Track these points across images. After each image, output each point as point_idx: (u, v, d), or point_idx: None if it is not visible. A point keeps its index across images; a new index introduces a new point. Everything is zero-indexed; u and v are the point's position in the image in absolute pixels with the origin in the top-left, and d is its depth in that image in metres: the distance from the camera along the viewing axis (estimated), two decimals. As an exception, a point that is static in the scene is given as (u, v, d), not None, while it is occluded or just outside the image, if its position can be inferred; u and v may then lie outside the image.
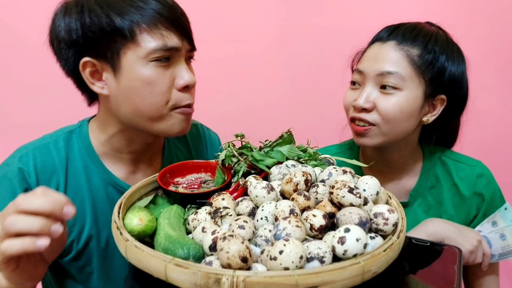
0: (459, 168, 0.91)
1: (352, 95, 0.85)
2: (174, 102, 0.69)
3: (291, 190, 0.52)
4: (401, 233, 0.47)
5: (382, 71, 0.80)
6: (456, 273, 0.56)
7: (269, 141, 0.67)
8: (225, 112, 1.43)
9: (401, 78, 0.79)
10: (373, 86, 0.81)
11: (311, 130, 0.83)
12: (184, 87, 0.70)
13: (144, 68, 0.66)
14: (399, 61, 0.80)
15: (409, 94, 0.80)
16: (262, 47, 1.40)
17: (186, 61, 0.73)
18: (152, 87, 0.67)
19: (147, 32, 0.65)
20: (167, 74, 0.68)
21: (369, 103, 0.81)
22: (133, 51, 0.66)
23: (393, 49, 0.81)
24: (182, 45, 0.69)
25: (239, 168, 0.62)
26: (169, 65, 0.69)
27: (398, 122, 0.81)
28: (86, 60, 0.67)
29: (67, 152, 0.75)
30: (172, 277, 0.39)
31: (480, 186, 0.89)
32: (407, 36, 0.82)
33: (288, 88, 1.45)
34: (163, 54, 0.67)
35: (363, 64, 0.85)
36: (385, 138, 0.83)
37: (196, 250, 0.45)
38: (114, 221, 0.49)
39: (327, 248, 0.42)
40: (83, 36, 0.66)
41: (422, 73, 0.80)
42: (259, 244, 0.46)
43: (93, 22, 0.65)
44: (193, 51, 0.74)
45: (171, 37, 0.67)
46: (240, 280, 0.36)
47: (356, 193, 0.48)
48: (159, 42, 0.66)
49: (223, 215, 0.50)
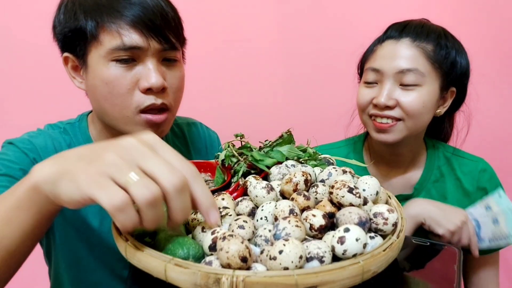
0: (462, 163, 0.93)
1: (368, 93, 0.87)
2: (136, 104, 0.67)
3: (290, 190, 0.52)
4: (401, 232, 0.47)
5: (402, 69, 0.81)
6: (456, 272, 0.56)
7: (269, 141, 0.67)
8: (225, 112, 1.43)
9: (421, 74, 0.81)
10: (392, 83, 0.83)
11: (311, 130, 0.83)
12: (147, 89, 0.67)
13: (104, 67, 0.66)
14: (417, 57, 0.82)
15: (429, 88, 0.83)
16: (262, 47, 1.40)
17: (163, 62, 0.70)
18: (111, 88, 0.66)
19: (108, 32, 0.65)
20: (128, 75, 0.66)
21: (392, 100, 0.82)
22: (96, 49, 0.66)
23: (409, 46, 0.83)
24: (147, 44, 0.65)
25: (239, 168, 0.62)
26: (134, 66, 0.67)
27: (421, 116, 0.84)
28: (66, 55, 0.70)
29: (70, 141, 0.76)
30: (172, 277, 0.39)
31: (483, 181, 0.91)
32: (420, 33, 0.84)
33: (288, 88, 1.45)
34: (123, 54, 0.65)
35: (378, 62, 0.85)
36: (408, 132, 0.85)
37: (196, 250, 0.44)
38: (113, 221, 0.49)
39: (326, 248, 0.42)
40: (61, 32, 0.68)
41: (438, 68, 0.83)
42: (258, 244, 0.46)
43: (65, 20, 0.67)
44: (172, 51, 0.70)
45: (130, 35, 0.65)
46: (240, 280, 0.36)
47: (355, 193, 0.48)
48: (117, 41, 0.64)
49: (223, 215, 0.50)
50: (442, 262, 0.59)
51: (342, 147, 1.02)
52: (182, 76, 0.74)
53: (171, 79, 0.71)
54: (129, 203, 0.37)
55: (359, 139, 1.02)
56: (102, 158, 0.38)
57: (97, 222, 0.76)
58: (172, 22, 0.69)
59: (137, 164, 0.38)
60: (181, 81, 0.74)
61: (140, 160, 0.38)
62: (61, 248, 0.76)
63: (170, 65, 0.71)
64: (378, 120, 0.85)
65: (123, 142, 0.40)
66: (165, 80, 0.68)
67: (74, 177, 0.39)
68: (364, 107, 0.88)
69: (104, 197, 0.36)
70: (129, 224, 0.37)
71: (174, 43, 0.69)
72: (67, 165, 0.40)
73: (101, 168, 0.38)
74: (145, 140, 0.41)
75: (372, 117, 0.87)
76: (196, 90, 1.40)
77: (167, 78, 0.70)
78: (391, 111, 0.83)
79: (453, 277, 0.54)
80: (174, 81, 0.71)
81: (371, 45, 0.92)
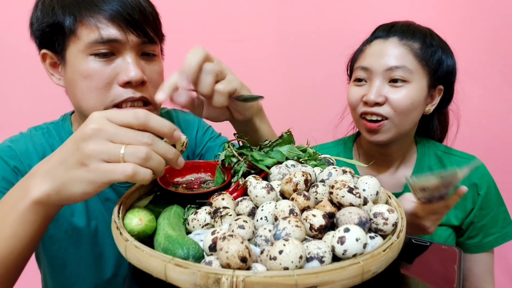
0: (453, 161, 0.93)
1: (358, 91, 0.88)
2: (112, 98, 0.67)
3: (291, 190, 0.52)
4: (401, 233, 0.47)
5: (391, 66, 0.83)
6: (456, 273, 0.56)
7: (269, 141, 0.67)
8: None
9: (409, 71, 0.83)
10: (381, 81, 0.84)
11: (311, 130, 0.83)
12: (126, 83, 0.67)
13: (83, 61, 0.66)
14: (405, 55, 0.84)
15: (417, 85, 0.84)
16: (261, 47, 1.40)
17: (142, 56, 0.70)
18: (89, 81, 0.66)
19: (85, 26, 0.65)
20: (107, 69, 0.66)
21: (381, 96, 0.84)
22: (75, 44, 0.66)
23: (396, 45, 0.85)
24: (125, 37, 0.66)
25: (239, 168, 0.62)
26: (112, 60, 0.67)
27: (409, 113, 0.85)
28: (44, 52, 0.71)
29: (53, 142, 0.77)
30: (171, 277, 0.39)
31: (475, 178, 0.91)
32: (407, 33, 0.86)
33: (288, 88, 1.45)
34: (101, 47, 0.65)
35: (367, 61, 0.87)
36: (397, 131, 0.86)
37: (196, 250, 0.44)
38: (114, 221, 0.49)
39: (326, 248, 0.42)
40: (38, 29, 0.69)
41: (425, 65, 0.85)
42: (258, 244, 0.46)
43: (43, 16, 0.68)
44: (150, 45, 0.70)
45: (108, 29, 0.65)
46: (240, 280, 0.36)
47: (355, 193, 0.48)
48: (95, 34, 0.64)
49: (223, 215, 0.50)
50: (442, 262, 0.59)
51: (332, 148, 1.03)
52: (161, 71, 0.75)
53: (151, 73, 0.71)
54: (136, 168, 0.44)
55: (349, 139, 1.04)
56: (87, 153, 0.45)
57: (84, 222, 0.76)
58: (150, 17, 0.70)
59: (111, 140, 0.45)
60: (160, 75, 0.74)
61: (111, 137, 0.45)
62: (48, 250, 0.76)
63: (149, 59, 0.71)
64: (368, 117, 0.86)
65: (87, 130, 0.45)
66: (144, 74, 0.68)
67: (80, 180, 0.45)
68: (354, 105, 0.90)
69: (119, 175, 0.44)
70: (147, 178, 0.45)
71: (153, 37, 0.70)
72: (62, 176, 0.47)
73: (95, 158, 0.45)
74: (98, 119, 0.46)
75: (362, 116, 0.88)
76: (196, 90, 1.40)
77: (146, 72, 0.70)
78: (380, 108, 0.84)
79: (453, 277, 0.54)
80: (153, 75, 0.71)
81: (360, 46, 0.94)
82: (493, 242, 0.91)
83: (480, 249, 0.92)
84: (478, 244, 0.92)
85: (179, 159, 0.50)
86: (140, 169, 0.44)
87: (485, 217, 0.91)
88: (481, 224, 0.91)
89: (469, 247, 0.93)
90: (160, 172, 0.47)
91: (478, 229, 0.91)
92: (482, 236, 0.91)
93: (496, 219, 0.91)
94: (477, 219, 0.91)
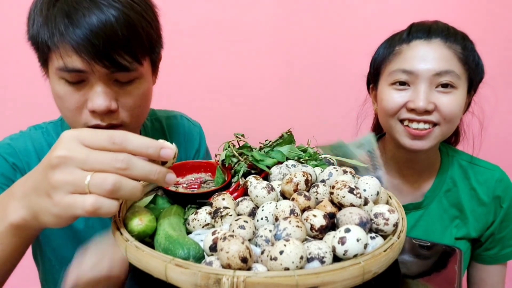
0: (478, 172, 0.89)
1: (400, 96, 0.81)
2: (84, 121, 0.67)
3: (291, 190, 0.52)
4: (402, 233, 0.47)
5: (440, 71, 0.77)
6: (457, 273, 0.56)
7: (269, 141, 0.67)
8: (225, 112, 1.43)
9: (457, 76, 0.78)
10: (428, 86, 0.78)
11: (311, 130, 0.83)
12: (92, 111, 0.65)
13: (56, 82, 0.66)
14: (451, 59, 0.79)
15: (462, 91, 0.80)
16: (262, 46, 1.40)
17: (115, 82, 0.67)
18: (62, 102, 0.67)
19: (53, 51, 0.63)
20: (77, 95, 0.65)
21: (431, 104, 0.78)
22: (52, 63, 0.65)
23: (442, 47, 0.79)
24: (89, 69, 0.63)
25: (239, 168, 0.62)
26: (83, 86, 0.65)
27: (456, 120, 0.81)
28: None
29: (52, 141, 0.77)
30: (172, 277, 0.39)
31: (499, 191, 0.87)
32: (448, 34, 0.80)
33: (288, 88, 1.45)
34: (68, 76, 0.64)
35: (410, 63, 0.80)
36: (441, 138, 0.82)
37: (196, 250, 0.44)
38: (114, 221, 0.49)
39: (327, 248, 0.42)
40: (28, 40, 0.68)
41: (468, 70, 0.80)
42: (259, 244, 0.46)
43: (28, 29, 0.67)
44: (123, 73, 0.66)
45: (71, 60, 0.62)
46: (240, 280, 0.36)
47: (356, 193, 0.48)
48: (60, 63, 0.63)
49: (223, 215, 0.50)
50: (442, 262, 0.59)
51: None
52: (142, 93, 0.71)
53: (125, 99, 0.68)
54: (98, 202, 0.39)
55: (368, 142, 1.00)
56: (52, 184, 0.40)
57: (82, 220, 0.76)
58: (124, 42, 0.63)
59: (80, 167, 0.40)
60: (139, 99, 0.70)
61: (80, 164, 0.40)
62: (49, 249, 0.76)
63: (124, 85, 0.68)
64: (414, 125, 0.80)
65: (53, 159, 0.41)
66: (118, 100, 0.67)
67: (48, 212, 0.42)
68: (395, 112, 0.82)
69: (79, 211, 0.40)
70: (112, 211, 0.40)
71: (125, 65, 0.64)
72: (34, 204, 0.43)
73: (59, 191, 0.40)
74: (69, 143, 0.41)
75: (405, 122, 0.81)
76: (196, 90, 1.40)
77: (120, 98, 0.67)
78: (429, 115, 0.78)
79: (453, 277, 0.54)
80: (128, 101, 0.68)
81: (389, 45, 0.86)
82: (511, 254, 0.89)
83: (496, 261, 0.90)
84: (494, 256, 0.89)
85: (167, 176, 0.44)
86: (103, 203, 0.39)
87: (505, 229, 0.88)
88: (500, 235, 0.88)
89: (485, 258, 0.90)
90: (136, 198, 0.42)
91: (497, 241, 0.89)
92: (500, 248, 0.89)
93: None
94: (497, 231, 0.88)
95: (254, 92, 1.44)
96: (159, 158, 0.43)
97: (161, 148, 0.43)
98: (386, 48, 0.86)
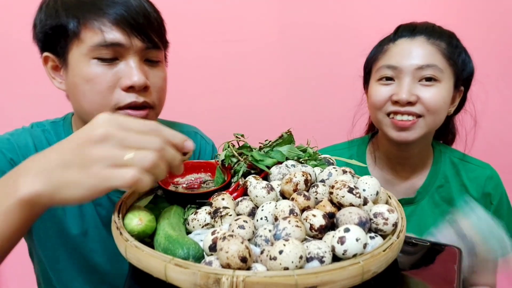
0: (469, 169, 0.92)
1: (386, 90, 0.86)
2: (115, 102, 0.67)
3: (291, 190, 0.52)
4: (401, 233, 0.47)
5: (421, 65, 0.82)
6: (456, 273, 0.56)
7: (269, 141, 0.67)
8: (225, 112, 1.43)
9: (439, 70, 0.82)
10: (411, 79, 0.83)
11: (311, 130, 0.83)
12: (129, 87, 0.66)
13: (85, 65, 0.66)
14: (434, 54, 0.83)
15: (446, 85, 0.83)
16: (262, 46, 1.40)
17: (145, 62, 0.70)
18: (91, 85, 0.66)
19: (89, 29, 0.65)
20: (109, 73, 0.66)
21: (413, 96, 0.82)
22: (78, 47, 0.66)
23: (425, 44, 0.84)
24: (129, 42, 0.65)
25: (239, 168, 0.62)
26: (115, 64, 0.67)
27: (440, 113, 0.84)
28: (46, 55, 0.70)
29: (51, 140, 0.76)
30: (171, 277, 0.39)
31: (489, 188, 0.90)
32: (432, 32, 0.85)
33: (288, 88, 1.45)
34: (105, 51, 0.65)
35: (394, 59, 0.85)
36: (426, 130, 0.84)
37: (196, 250, 0.45)
38: (114, 221, 0.49)
39: (326, 248, 0.42)
40: (41, 31, 0.68)
41: (453, 65, 0.84)
42: (259, 244, 0.46)
43: (46, 18, 0.67)
44: (154, 51, 0.70)
45: (112, 33, 0.65)
46: (240, 280, 0.36)
47: (355, 193, 0.48)
48: (99, 38, 0.64)
49: (223, 215, 0.50)
50: (442, 262, 0.59)
51: (344, 149, 1.01)
52: (165, 77, 0.74)
53: (154, 78, 0.70)
54: (139, 175, 0.42)
55: (362, 141, 1.01)
56: (92, 156, 0.43)
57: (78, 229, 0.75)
58: (155, 22, 0.69)
59: (120, 145, 0.44)
60: (163, 81, 0.74)
61: (119, 142, 0.44)
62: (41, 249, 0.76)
63: (152, 65, 0.71)
64: (399, 117, 0.84)
65: (97, 133, 0.44)
66: (148, 79, 0.68)
67: (78, 184, 0.43)
68: (381, 105, 0.86)
69: (118, 182, 0.42)
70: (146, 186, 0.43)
71: (157, 42, 0.70)
72: (58, 178, 0.43)
73: (99, 163, 0.43)
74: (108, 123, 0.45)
75: (391, 115, 0.85)
76: (196, 91, 1.40)
77: (150, 77, 0.69)
78: (412, 107, 0.82)
79: (453, 277, 0.54)
80: (157, 80, 0.71)
81: (378, 46, 0.91)
82: None
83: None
84: None
85: (180, 166, 0.49)
86: (142, 176, 0.43)
87: None
88: None
89: None
90: (160, 178, 0.46)
91: None
92: None
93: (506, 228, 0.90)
94: None
95: (254, 92, 1.44)
96: (183, 148, 0.49)
97: (185, 140, 0.49)
98: (376, 48, 0.91)
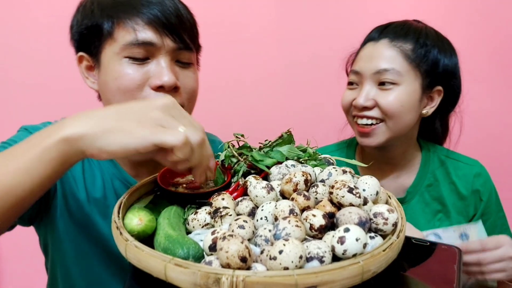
0: (457, 167, 0.92)
1: (350, 95, 0.88)
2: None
3: (290, 190, 0.52)
4: (401, 232, 0.47)
5: (379, 69, 0.82)
6: (456, 273, 0.56)
7: (268, 141, 0.67)
8: (225, 112, 1.43)
9: (398, 73, 0.82)
10: (371, 84, 0.84)
11: (311, 130, 0.83)
12: (158, 87, 0.67)
13: (117, 63, 0.67)
14: (394, 57, 0.83)
15: (407, 87, 0.82)
16: (262, 47, 1.40)
17: (176, 63, 0.70)
18: (120, 82, 0.67)
19: (122, 27, 0.66)
20: (140, 72, 0.67)
21: (370, 100, 0.83)
22: (111, 46, 0.67)
23: (386, 47, 0.84)
24: (161, 42, 0.66)
25: (239, 168, 0.62)
26: (146, 63, 0.67)
27: (401, 116, 0.83)
28: (80, 54, 0.72)
29: None
30: (171, 277, 0.39)
31: (477, 185, 0.90)
32: (399, 33, 0.85)
33: (288, 88, 1.45)
34: (136, 50, 0.66)
35: (358, 64, 0.87)
36: (390, 134, 0.85)
37: (196, 250, 0.45)
38: (114, 221, 0.49)
39: (326, 248, 0.42)
40: (77, 31, 0.70)
41: (417, 66, 0.83)
42: (259, 244, 0.46)
43: (82, 18, 0.69)
44: (186, 52, 0.71)
45: (145, 32, 0.66)
46: (240, 280, 0.36)
47: (355, 193, 0.48)
48: (131, 36, 0.65)
49: (223, 215, 0.50)
50: (442, 262, 0.59)
51: (334, 152, 1.02)
52: (196, 79, 0.75)
53: (185, 79, 0.71)
54: (188, 140, 0.46)
55: (351, 142, 1.02)
56: (150, 116, 0.46)
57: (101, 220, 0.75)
58: (188, 24, 0.70)
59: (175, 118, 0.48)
60: (195, 83, 0.74)
61: (176, 117, 0.48)
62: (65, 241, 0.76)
63: (183, 67, 0.72)
64: (359, 121, 0.86)
65: (159, 102, 0.48)
66: (178, 80, 0.69)
67: (129, 131, 0.45)
68: (346, 109, 0.90)
69: (169, 137, 0.45)
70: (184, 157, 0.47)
71: (189, 44, 0.70)
72: (110, 123, 0.46)
73: (155, 122, 0.46)
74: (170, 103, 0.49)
75: (355, 119, 0.87)
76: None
77: (180, 78, 0.70)
78: (370, 111, 0.84)
79: (453, 277, 0.54)
80: (187, 81, 0.72)
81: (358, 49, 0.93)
82: None
83: None
84: None
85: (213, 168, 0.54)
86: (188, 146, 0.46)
87: (486, 222, 0.90)
88: None
89: None
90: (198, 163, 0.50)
91: None
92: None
93: (494, 224, 0.91)
94: None
95: (254, 92, 1.44)
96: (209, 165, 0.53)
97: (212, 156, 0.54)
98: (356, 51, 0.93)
